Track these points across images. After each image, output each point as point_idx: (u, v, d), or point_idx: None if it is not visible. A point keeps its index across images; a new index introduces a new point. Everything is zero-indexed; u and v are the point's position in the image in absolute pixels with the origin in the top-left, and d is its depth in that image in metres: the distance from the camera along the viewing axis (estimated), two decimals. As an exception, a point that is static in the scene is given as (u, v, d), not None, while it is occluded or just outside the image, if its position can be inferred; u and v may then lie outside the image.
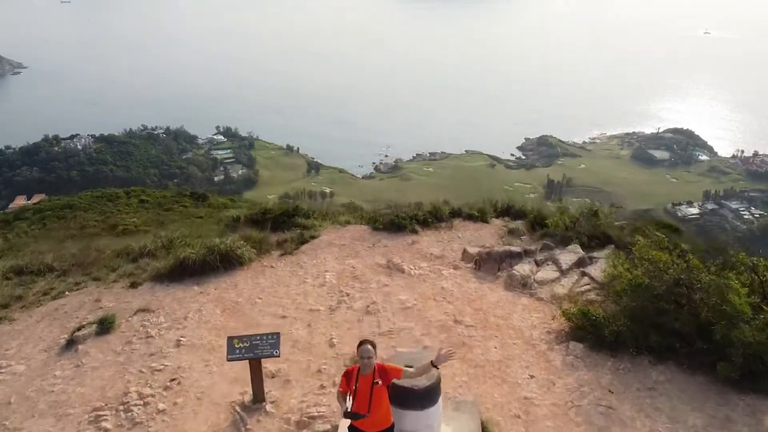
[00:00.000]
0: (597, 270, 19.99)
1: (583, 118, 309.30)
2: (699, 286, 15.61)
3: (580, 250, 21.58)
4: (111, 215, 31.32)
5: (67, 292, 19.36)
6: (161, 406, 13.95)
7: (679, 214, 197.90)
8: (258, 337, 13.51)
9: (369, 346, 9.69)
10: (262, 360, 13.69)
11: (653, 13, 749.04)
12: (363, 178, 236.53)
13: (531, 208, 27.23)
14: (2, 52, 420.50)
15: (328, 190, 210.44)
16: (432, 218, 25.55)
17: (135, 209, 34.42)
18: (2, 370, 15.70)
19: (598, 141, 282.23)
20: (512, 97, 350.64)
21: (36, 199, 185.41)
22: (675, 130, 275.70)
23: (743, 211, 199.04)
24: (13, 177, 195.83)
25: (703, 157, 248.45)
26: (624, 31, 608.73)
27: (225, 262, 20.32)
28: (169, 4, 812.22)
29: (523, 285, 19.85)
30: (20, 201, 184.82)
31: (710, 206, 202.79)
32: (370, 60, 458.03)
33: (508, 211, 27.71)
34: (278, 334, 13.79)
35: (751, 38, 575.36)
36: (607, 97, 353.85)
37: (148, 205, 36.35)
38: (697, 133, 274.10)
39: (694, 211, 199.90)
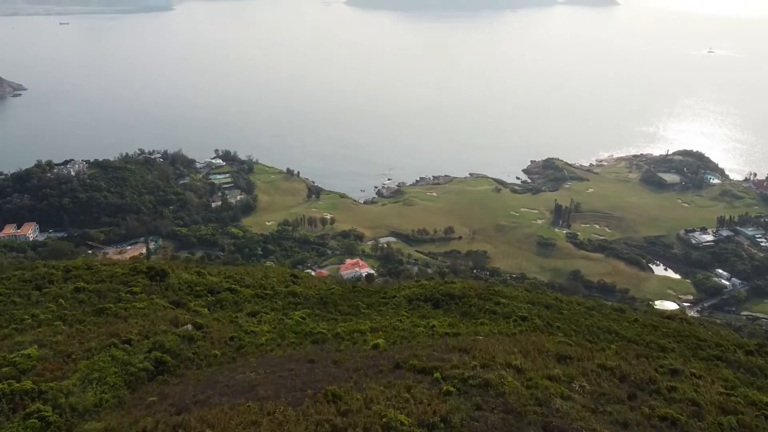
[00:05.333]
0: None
1: (589, 140, 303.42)
2: None
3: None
4: (12, 333, 24.40)
5: None
6: None
7: (693, 241, 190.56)
8: None
9: None
10: None
11: (657, 32, 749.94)
12: (365, 203, 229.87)
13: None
14: (3, 74, 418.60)
15: (328, 216, 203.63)
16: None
17: (60, 307, 27.62)
18: None
19: (605, 164, 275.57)
20: (516, 119, 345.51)
21: (26, 228, 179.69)
22: (684, 152, 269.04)
23: (760, 237, 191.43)
24: (3, 204, 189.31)
25: (715, 181, 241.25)
26: (628, 50, 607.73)
27: None
28: (167, 28, 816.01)
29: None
30: (9, 230, 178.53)
31: (725, 233, 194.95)
32: (371, 82, 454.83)
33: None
34: None
35: (754, 56, 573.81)
36: (613, 119, 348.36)
37: (84, 295, 29.43)
38: (707, 155, 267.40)
39: (708, 237, 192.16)
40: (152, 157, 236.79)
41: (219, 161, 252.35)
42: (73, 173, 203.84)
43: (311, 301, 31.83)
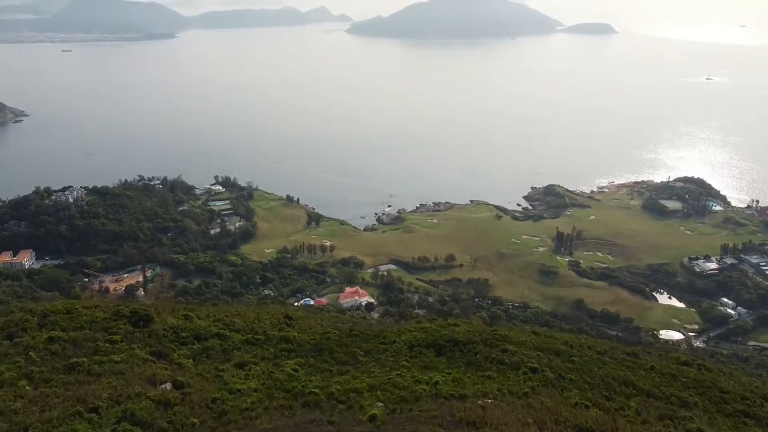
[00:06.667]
0: None
1: (589, 167, 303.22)
2: None
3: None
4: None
5: None
6: None
7: (697, 270, 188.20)
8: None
9: None
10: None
11: (655, 59, 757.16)
12: (365, 230, 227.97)
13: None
14: (5, 100, 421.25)
15: (328, 244, 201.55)
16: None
17: (29, 362, 25.29)
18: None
19: (606, 190, 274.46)
20: (517, 145, 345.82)
21: (22, 255, 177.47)
22: (686, 179, 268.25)
23: (765, 265, 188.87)
24: (0, 232, 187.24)
25: (717, 208, 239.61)
26: (627, 77, 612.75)
27: None
28: (168, 55, 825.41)
29: None
30: (5, 257, 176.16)
31: (729, 261, 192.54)
32: (372, 108, 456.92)
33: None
34: None
35: (752, 83, 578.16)
36: (613, 145, 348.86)
37: (57, 346, 27.29)
38: (708, 181, 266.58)
39: (712, 266, 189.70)
40: (151, 183, 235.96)
41: (218, 187, 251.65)
42: (71, 200, 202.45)
43: (305, 347, 29.74)
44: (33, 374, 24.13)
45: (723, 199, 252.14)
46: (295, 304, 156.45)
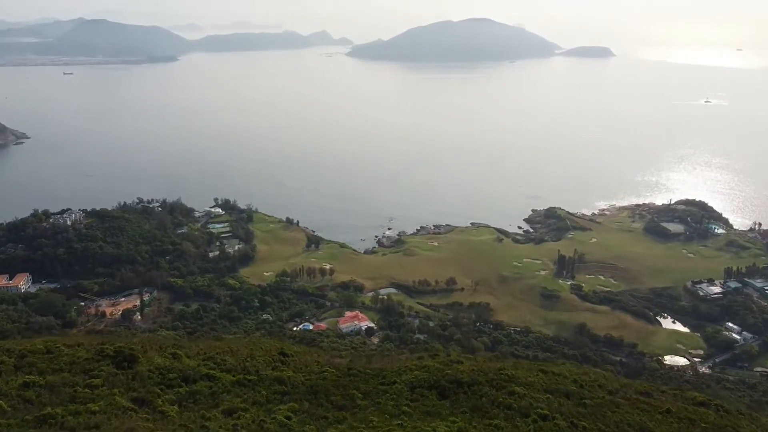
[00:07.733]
0: None
1: (590, 189, 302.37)
2: None
3: None
4: None
5: None
6: None
7: (701, 293, 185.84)
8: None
9: None
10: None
11: (653, 82, 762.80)
12: (365, 252, 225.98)
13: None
14: (7, 122, 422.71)
15: (328, 267, 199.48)
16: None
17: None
18: None
19: (607, 213, 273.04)
20: (517, 168, 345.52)
21: (18, 279, 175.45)
22: (687, 202, 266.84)
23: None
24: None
25: (720, 231, 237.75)
26: (626, 99, 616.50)
27: None
28: (170, 78, 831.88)
29: None
30: (1, 281, 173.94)
31: (733, 284, 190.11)
32: (373, 131, 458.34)
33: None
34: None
35: (751, 106, 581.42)
36: (614, 168, 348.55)
37: (32, 392, 25.57)
38: (710, 204, 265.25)
39: (716, 289, 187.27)
40: (150, 206, 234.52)
41: (218, 210, 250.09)
42: (69, 223, 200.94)
43: (300, 389, 27.96)
44: (0, 429, 22.31)
45: (725, 222, 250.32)
46: (294, 328, 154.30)
